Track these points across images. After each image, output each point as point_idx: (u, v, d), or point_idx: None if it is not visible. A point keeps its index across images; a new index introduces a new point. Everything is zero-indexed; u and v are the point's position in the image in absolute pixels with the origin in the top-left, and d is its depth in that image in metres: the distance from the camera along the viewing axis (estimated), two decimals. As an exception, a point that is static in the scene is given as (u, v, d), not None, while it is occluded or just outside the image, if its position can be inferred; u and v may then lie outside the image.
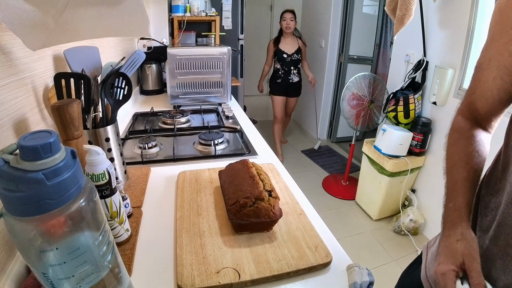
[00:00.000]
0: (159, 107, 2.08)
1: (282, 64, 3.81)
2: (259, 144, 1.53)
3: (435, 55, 2.54)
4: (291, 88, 3.96)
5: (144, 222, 0.95)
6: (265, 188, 0.90)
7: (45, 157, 0.43)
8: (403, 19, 2.28)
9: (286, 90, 3.94)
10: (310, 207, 1.05)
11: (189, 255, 0.79)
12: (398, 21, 2.32)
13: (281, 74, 3.86)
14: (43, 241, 0.47)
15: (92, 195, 0.53)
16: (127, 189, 1.09)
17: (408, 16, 2.26)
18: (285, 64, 3.79)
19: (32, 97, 0.89)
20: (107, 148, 1.02)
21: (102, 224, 0.56)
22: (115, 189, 0.77)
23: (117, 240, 0.82)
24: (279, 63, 3.84)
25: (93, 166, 0.70)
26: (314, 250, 0.83)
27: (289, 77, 3.86)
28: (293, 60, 3.78)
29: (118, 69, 1.05)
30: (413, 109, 2.59)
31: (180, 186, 1.11)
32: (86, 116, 0.95)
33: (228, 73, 2.05)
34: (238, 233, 0.88)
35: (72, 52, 1.00)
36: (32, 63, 0.88)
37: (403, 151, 2.61)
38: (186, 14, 3.03)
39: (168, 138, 1.58)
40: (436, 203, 2.63)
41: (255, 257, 0.79)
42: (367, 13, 4.16)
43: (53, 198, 0.44)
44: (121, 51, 1.88)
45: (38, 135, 0.45)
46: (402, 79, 2.86)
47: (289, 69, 3.81)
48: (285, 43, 3.77)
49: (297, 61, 3.81)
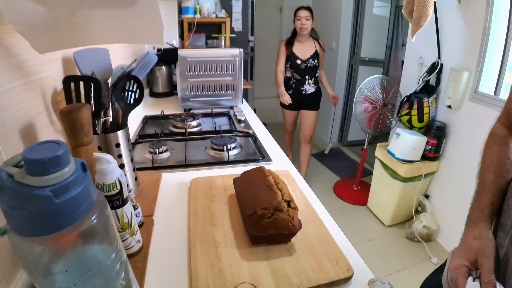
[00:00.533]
0: (169, 110, 2.05)
1: (295, 72, 3.11)
2: (272, 149, 1.48)
3: (449, 58, 2.48)
4: (305, 100, 3.24)
5: (155, 232, 0.91)
6: (284, 198, 0.86)
7: (53, 172, 0.39)
8: (420, 20, 2.23)
9: (299, 102, 3.24)
10: (328, 216, 1.01)
11: (204, 267, 0.75)
12: (415, 23, 2.26)
13: (292, 84, 3.17)
14: (51, 262, 0.43)
15: (104, 209, 0.49)
16: (137, 197, 1.05)
17: (424, 18, 2.20)
18: (298, 71, 3.09)
19: (40, 101, 0.86)
20: (118, 154, 0.98)
21: (115, 240, 0.52)
22: (126, 199, 0.73)
23: (129, 251, 0.78)
24: (291, 70, 3.14)
25: (104, 176, 0.66)
26: (334, 264, 0.78)
27: (303, 87, 3.14)
28: (309, 67, 3.07)
29: (129, 71, 1.01)
30: (427, 112, 2.53)
31: (193, 193, 1.06)
32: (96, 120, 0.92)
33: (240, 75, 2.01)
34: (255, 245, 0.83)
35: (82, 54, 0.97)
36: (40, 66, 0.85)
37: (417, 155, 2.55)
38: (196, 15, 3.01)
39: (179, 142, 1.54)
40: (450, 209, 2.56)
41: (273, 271, 0.75)
42: (378, 14, 4.10)
43: (62, 217, 0.40)
44: (132, 53, 1.85)
45: (45, 146, 0.41)
46: (415, 82, 2.80)
47: (303, 78, 3.10)
48: (300, 46, 3.07)
49: (314, 68, 3.10)
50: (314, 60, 3.08)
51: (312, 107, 3.27)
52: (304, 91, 3.17)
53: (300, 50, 3.08)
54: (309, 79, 3.13)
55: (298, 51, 3.07)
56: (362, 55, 4.14)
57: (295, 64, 3.08)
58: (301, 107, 3.31)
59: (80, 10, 0.66)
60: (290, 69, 3.15)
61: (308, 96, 3.21)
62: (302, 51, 3.08)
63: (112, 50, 1.39)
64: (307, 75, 3.11)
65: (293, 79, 3.16)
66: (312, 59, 3.07)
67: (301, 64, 3.07)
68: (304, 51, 3.08)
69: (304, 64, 3.07)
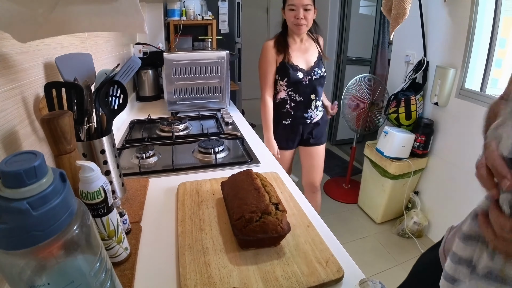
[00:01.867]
0: (156, 114, 2.03)
1: (295, 91, 1.99)
2: (260, 152, 1.48)
3: (435, 55, 2.51)
4: (310, 133, 2.16)
5: (143, 239, 0.90)
6: (272, 201, 0.85)
7: (30, 183, 0.38)
8: (397, 18, 2.25)
9: (300, 138, 2.17)
10: (317, 217, 1.00)
11: (193, 275, 0.74)
12: (393, 20, 2.29)
13: (290, 110, 2.04)
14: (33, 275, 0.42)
15: (85, 219, 0.48)
16: (125, 203, 1.04)
17: (402, 15, 2.23)
18: (300, 90, 1.99)
19: (22, 108, 0.84)
20: (103, 160, 0.97)
21: (98, 250, 0.51)
22: (111, 206, 0.72)
23: (116, 259, 0.77)
24: (287, 89, 2.00)
25: (87, 184, 0.65)
26: (324, 265, 0.78)
27: (307, 113, 2.06)
28: (315, 80, 2.00)
29: (112, 76, 1.00)
30: (415, 110, 2.55)
31: (180, 198, 1.05)
32: (79, 127, 0.90)
33: (227, 77, 2.00)
34: (244, 249, 0.83)
35: (64, 60, 0.95)
36: (21, 72, 0.83)
37: (406, 153, 2.57)
38: (182, 18, 2.99)
39: (166, 146, 1.53)
40: (440, 205, 2.59)
41: (263, 275, 0.74)
42: (364, 13, 4.13)
43: (41, 229, 0.39)
44: (116, 58, 1.83)
45: (22, 158, 0.40)
46: (402, 80, 2.82)
47: (308, 99, 2.02)
48: (298, 49, 1.99)
49: (321, 80, 2.03)
50: (320, 68, 2.02)
51: (321, 140, 2.22)
52: (309, 119, 2.09)
53: (299, 55, 1.99)
54: (316, 99, 2.06)
55: (297, 57, 1.98)
56: (349, 54, 4.16)
57: (294, 79, 1.96)
58: (303, 143, 2.22)
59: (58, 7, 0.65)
60: (287, 86, 2.00)
61: (315, 125, 2.15)
62: (303, 58, 2.00)
63: (95, 54, 1.37)
64: (313, 94, 2.03)
65: (291, 103, 2.03)
66: (318, 66, 2.01)
67: (304, 77, 1.96)
68: (306, 56, 2.01)
69: (309, 77, 1.98)
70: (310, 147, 2.23)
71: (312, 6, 1.87)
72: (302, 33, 1.94)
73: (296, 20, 1.87)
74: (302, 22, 1.87)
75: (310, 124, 2.13)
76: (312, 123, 2.13)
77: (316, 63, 2.03)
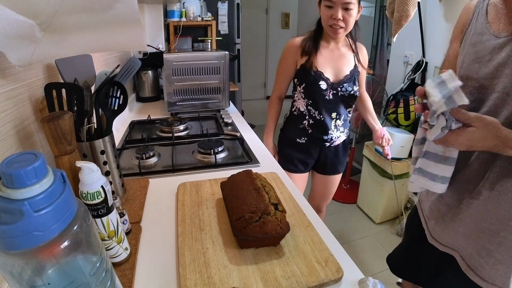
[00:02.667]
0: (156, 115, 2.03)
1: (315, 105, 1.68)
2: (260, 152, 1.48)
3: (434, 56, 2.51)
4: (328, 158, 1.85)
5: (143, 239, 0.90)
6: (271, 201, 0.86)
7: (30, 184, 0.38)
8: (401, 20, 2.26)
9: (315, 162, 1.88)
10: (316, 217, 1.01)
11: (193, 275, 0.74)
12: (396, 22, 2.29)
13: (307, 127, 1.74)
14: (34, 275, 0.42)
15: (86, 219, 0.48)
16: (125, 203, 1.04)
17: (405, 17, 2.23)
18: (321, 104, 1.66)
19: (22, 109, 0.84)
20: (103, 161, 0.97)
21: (98, 250, 0.51)
22: (111, 206, 0.72)
23: (116, 260, 0.77)
24: (306, 100, 1.70)
25: (87, 184, 0.65)
26: (324, 265, 0.78)
27: (327, 135, 1.74)
28: (341, 97, 1.66)
29: (112, 77, 1.00)
30: (414, 110, 2.55)
31: (180, 199, 1.06)
32: (79, 128, 0.91)
33: (227, 78, 2.00)
34: (243, 249, 0.83)
35: (64, 61, 0.95)
36: (21, 73, 0.83)
37: (405, 153, 2.57)
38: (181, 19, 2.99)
39: (166, 147, 1.53)
40: (439, 206, 2.58)
41: (262, 275, 0.75)
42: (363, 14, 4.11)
43: (41, 230, 0.39)
44: (116, 58, 1.83)
45: (22, 158, 0.40)
46: (401, 80, 2.83)
47: (329, 116, 1.70)
48: (328, 55, 1.65)
49: (351, 98, 1.69)
50: (352, 84, 1.65)
51: (337, 168, 1.91)
52: (329, 141, 1.77)
53: (328, 63, 1.64)
54: (338, 118, 1.72)
55: (325, 65, 1.63)
56: (348, 55, 4.15)
57: (314, 89, 1.64)
58: (318, 169, 1.94)
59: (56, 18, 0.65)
60: (305, 97, 1.70)
61: (334, 150, 1.84)
62: (333, 65, 1.65)
63: (95, 55, 1.38)
64: (336, 112, 1.70)
65: (310, 118, 1.72)
66: (349, 81, 1.65)
67: (328, 90, 1.63)
68: (337, 65, 1.65)
69: (334, 92, 1.64)
70: (326, 176, 1.94)
71: (355, 5, 1.48)
72: (339, 37, 1.59)
73: (333, 20, 1.50)
74: (340, 24, 1.50)
75: (330, 148, 1.81)
76: (331, 147, 1.81)
77: (348, 77, 1.64)
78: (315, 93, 1.64)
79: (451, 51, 1.11)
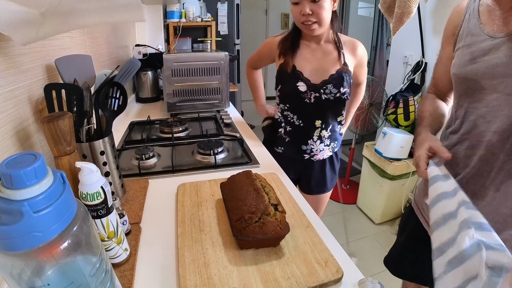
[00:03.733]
0: (156, 116, 2.03)
1: (292, 109, 1.52)
2: (260, 153, 1.48)
3: (434, 56, 2.51)
4: (309, 174, 1.64)
5: (143, 240, 0.90)
6: (271, 201, 0.86)
7: (30, 185, 0.38)
8: (402, 17, 2.24)
9: (296, 179, 1.69)
10: (316, 218, 1.00)
11: (193, 276, 0.74)
12: (397, 19, 2.28)
13: (283, 134, 1.58)
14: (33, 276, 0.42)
15: (85, 220, 0.48)
16: (124, 204, 1.04)
17: (407, 14, 2.22)
18: (300, 108, 1.49)
19: (22, 110, 0.84)
20: (103, 162, 0.97)
21: (98, 251, 0.51)
22: (111, 207, 0.72)
23: (116, 260, 0.77)
24: (282, 106, 1.54)
25: (87, 185, 0.65)
26: (324, 266, 0.78)
27: (306, 145, 1.54)
28: (326, 101, 1.45)
29: (112, 78, 1.00)
30: (413, 111, 2.56)
31: (180, 200, 1.06)
32: (79, 128, 0.91)
33: (226, 79, 2.00)
34: (243, 250, 0.83)
35: (64, 61, 0.96)
36: (21, 74, 0.83)
37: (404, 153, 2.58)
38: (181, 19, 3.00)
39: (166, 148, 1.53)
40: (439, 206, 2.58)
41: (262, 276, 0.75)
42: (362, 15, 4.14)
43: (41, 230, 0.39)
44: (116, 59, 1.83)
45: (22, 159, 0.40)
46: (401, 81, 2.83)
47: (311, 121, 1.50)
48: (309, 55, 1.47)
49: (335, 103, 1.47)
50: (338, 86, 1.43)
51: (322, 188, 1.69)
52: (308, 153, 1.56)
53: (309, 62, 1.46)
54: (324, 128, 1.51)
55: (305, 64, 1.46)
56: (348, 55, 4.15)
57: (293, 92, 1.46)
58: (301, 188, 1.73)
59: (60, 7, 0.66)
60: (281, 102, 1.55)
61: (319, 167, 1.63)
62: (315, 65, 1.46)
63: (95, 56, 1.38)
64: (322, 120, 1.50)
65: (287, 125, 1.55)
66: (336, 83, 1.43)
67: (308, 92, 1.44)
68: (320, 64, 1.46)
69: (316, 94, 1.44)
70: (311, 196, 1.70)
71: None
72: (315, 34, 1.39)
73: (303, 17, 1.34)
74: (311, 19, 1.33)
75: (313, 163, 1.59)
76: (312, 161, 1.59)
77: (334, 77, 1.42)
78: (292, 95, 1.48)
79: (444, 54, 1.10)
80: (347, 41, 1.52)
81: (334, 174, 1.69)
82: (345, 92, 1.44)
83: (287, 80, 1.46)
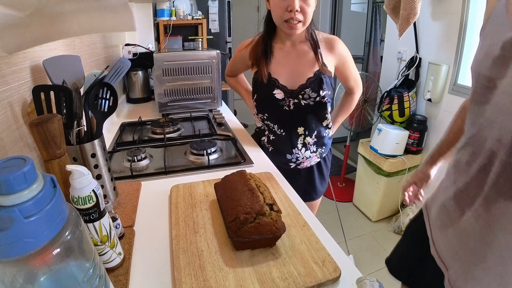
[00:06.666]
0: (147, 116, 2.01)
1: (271, 118, 1.46)
2: (254, 152, 1.47)
3: (428, 52, 2.52)
4: (299, 183, 1.54)
5: (137, 243, 0.89)
6: (266, 201, 0.85)
7: (19, 190, 0.37)
8: (409, 18, 2.26)
9: None
10: (312, 217, 1.00)
11: (188, 278, 0.73)
12: (404, 21, 2.28)
13: (266, 143, 1.53)
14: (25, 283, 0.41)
15: (78, 224, 0.47)
16: (117, 207, 1.02)
17: (413, 15, 2.23)
18: (278, 118, 1.44)
19: (9, 113, 0.82)
20: (94, 164, 0.95)
21: (91, 256, 0.50)
22: (103, 211, 0.70)
23: (110, 265, 0.76)
24: (262, 115, 1.48)
25: (78, 188, 0.64)
26: (321, 265, 0.77)
27: (291, 154, 1.48)
28: (305, 107, 1.38)
29: (102, 78, 0.98)
30: (408, 107, 2.56)
31: (173, 201, 1.04)
32: (69, 131, 0.89)
33: (218, 77, 1.99)
34: (239, 251, 0.82)
35: (52, 62, 0.94)
36: (7, 76, 0.82)
37: (400, 150, 2.58)
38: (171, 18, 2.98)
39: (158, 149, 1.51)
40: (433, 201, 2.60)
41: (259, 277, 0.74)
42: (355, 11, 4.15)
43: (32, 236, 0.38)
44: (105, 59, 1.81)
45: (11, 163, 0.39)
46: (395, 77, 2.83)
47: (293, 129, 1.44)
48: (284, 58, 1.38)
49: (315, 107, 1.38)
50: (317, 89, 1.34)
51: (311, 196, 1.65)
52: (294, 162, 1.50)
53: (284, 67, 1.38)
54: (308, 135, 1.45)
55: (279, 70, 1.38)
56: (341, 52, 4.17)
57: (270, 101, 1.39)
58: None
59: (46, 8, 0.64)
60: (260, 112, 1.48)
61: (306, 175, 1.58)
62: (291, 69, 1.37)
63: (84, 56, 1.36)
64: (304, 126, 1.43)
65: (270, 133, 1.49)
66: (314, 86, 1.34)
67: (286, 99, 1.37)
68: (296, 68, 1.36)
69: (294, 101, 1.37)
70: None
71: None
72: (296, 34, 1.28)
73: (289, 14, 1.21)
74: (298, 17, 1.21)
75: (299, 171, 1.53)
76: (301, 170, 1.53)
77: (312, 80, 1.33)
78: (270, 104, 1.40)
79: None
80: (323, 38, 1.39)
81: (323, 180, 1.66)
82: (325, 95, 1.35)
83: (263, 89, 1.39)
